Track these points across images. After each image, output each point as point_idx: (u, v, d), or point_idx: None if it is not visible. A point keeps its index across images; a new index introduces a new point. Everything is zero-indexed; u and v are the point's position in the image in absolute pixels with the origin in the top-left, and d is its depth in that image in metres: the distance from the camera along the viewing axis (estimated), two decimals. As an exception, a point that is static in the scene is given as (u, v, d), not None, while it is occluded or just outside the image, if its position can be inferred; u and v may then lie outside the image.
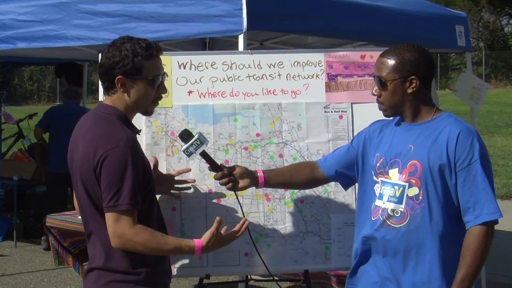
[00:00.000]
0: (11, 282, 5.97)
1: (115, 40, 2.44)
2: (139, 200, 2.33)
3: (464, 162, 2.29)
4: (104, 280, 2.39)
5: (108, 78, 2.40)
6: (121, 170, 2.27)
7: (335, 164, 2.72)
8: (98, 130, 2.36)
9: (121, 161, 2.28)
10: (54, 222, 4.53)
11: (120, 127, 2.36)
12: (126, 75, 2.38)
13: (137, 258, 2.37)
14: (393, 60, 2.39)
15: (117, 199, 2.27)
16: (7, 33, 4.77)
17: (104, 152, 2.28)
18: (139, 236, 2.30)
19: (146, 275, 2.38)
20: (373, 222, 2.47)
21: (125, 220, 2.29)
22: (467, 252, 2.26)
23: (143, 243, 2.31)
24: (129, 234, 2.29)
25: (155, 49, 2.42)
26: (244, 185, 2.73)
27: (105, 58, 2.40)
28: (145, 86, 2.42)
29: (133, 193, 2.29)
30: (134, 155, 2.32)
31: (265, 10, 3.91)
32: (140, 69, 2.38)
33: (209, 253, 3.04)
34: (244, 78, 3.16)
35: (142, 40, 2.42)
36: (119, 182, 2.27)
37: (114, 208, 2.28)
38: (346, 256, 3.09)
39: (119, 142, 2.30)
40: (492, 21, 33.30)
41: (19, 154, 7.85)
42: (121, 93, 2.40)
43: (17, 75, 30.35)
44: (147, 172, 2.40)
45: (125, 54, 2.36)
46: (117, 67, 2.36)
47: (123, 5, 4.22)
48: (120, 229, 2.29)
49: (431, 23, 5.13)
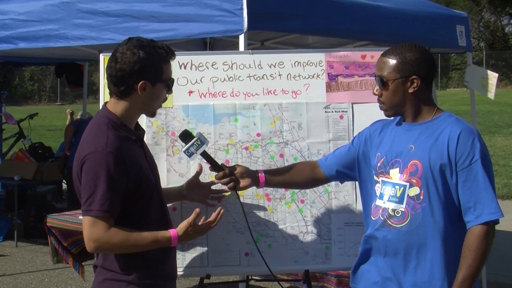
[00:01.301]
0: (12, 282, 5.98)
1: (130, 44, 2.38)
2: (114, 207, 2.31)
3: (465, 162, 2.29)
4: (100, 278, 2.44)
5: (130, 82, 2.36)
6: (95, 175, 2.28)
7: (336, 164, 2.72)
8: (87, 134, 2.39)
9: (95, 166, 2.28)
10: (55, 222, 4.53)
11: (105, 132, 2.34)
12: (149, 79, 2.37)
13: (131, 260, 2.39)
14: (394, 60, 2.39)
15: (90, 204, 2.29)
16: (7, 33, 4.77)
17: (84, 156, 2.31)
18: (115, 238, 2.32)
19: (140, 276, 2.40)
20: (373, 222, 2.47)
21: (100, 225, 2.30)
22: (468, 252, 2.26)
23: (120, 243, 2.34)
24: (104, 237, 2.31)
25: (172, 53, 2.43)
26: (245, 185, 2.74)
27: (127, 62, 2.34)
28: (162, 89, 2.44)
29: (105, 199, 2.28)
30: (112, 161, 2.29)
31: (265, 10, 3.90)
32: (161, 73, 2.39)
33: (209, 253, 3.06)
34: (244, 78, 3.16)
35: (159, 44, 2.41)
36: (93, 187, 2.29)
37: (87, 212, 2.31)
38: (346, 256, 3.09)
39: (97, 147, 2.30)
40: (493, 21, 33.31)
41: (20, 154, 7.87)
42: (137, 96, 2.39)
43: (17, 75, 30.39)
44: (135, 177, 2.36)
45: (151, 59, 2.35)
46: (143, 72, 2.34)
47: (124, 4, 4.21)
48: (95, 233, 2.31)
49: (431, 23, 5.13)
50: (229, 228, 3.07)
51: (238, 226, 3.05)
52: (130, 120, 2.46)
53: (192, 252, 3.06)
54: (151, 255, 2.42)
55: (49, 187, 8.01)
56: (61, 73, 9.12)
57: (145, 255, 2.41)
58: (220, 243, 3.07)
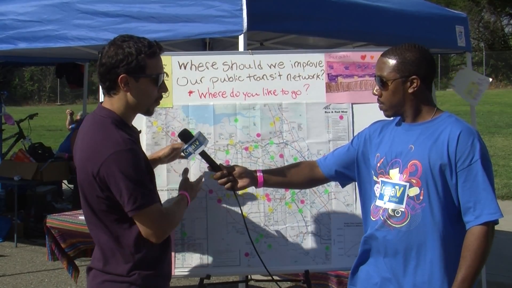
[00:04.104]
0: (11, 282, 5.97)
1: (115, 39, 2.40)
2: (154, 194, 2.37)
3: (464, 162, 2.29)
4: (99, 279, 2.43)
5: (111, 77, 2.36)
6: (129, 173, 2.27)
7: (335, 164, 2.72)
8: (95, 135, 2.35)
9: (126, 164, 2.27)
10: (55, 222, 4.54)
11: (115, 131, 2.33)
12: (130, 74, 2.35)
13: (134, 262, 2.38)
14: (394, 60, 2.40)
15: (135, 200, 2.28)
16: (7, 33, 4.77)
17: (107, 158, 2.26)
18: (171, 218, 2.42)
19: (142, 277, 2.39)
20: (373, 222, 2.47)
21: (158, 213, 2.35)
22: (468, 252, 2.26)
23: (177, 218, 2.49)
24: (167, 221, 2.39)
25: (157, 47, 2.41)
26: (243, 185, 2.74)
27: (106, 57, 2.35)
28: (148, 84, 2.40)
29: (147, 188, 2.32)
30: (137, 157, 2.32)
31: (265, 10, 3.91)
32: (144, 67, 2.36)
33: (209, 254, 3.06)
34: (244, 78, 3.16)
35: (143, 38, 2.41)
36: (131, 184, 2.27)
37: (139, 209, 2.29)
38: (346, 257, 3.10)
39: (117, 147, 2.28)
40: (492, 22, 33.34)
41: (20, 154, 7.86)
42: (123, 92, 2.37)
43: (17, 75, 30.40)
44: (149, 170, 2.43)
45: (129, 52, 2.33)
46: (120, 65, 2.33)
47: (123, 5, 4.22)
48: (161, 222, 2.35)
49: (431, 23, 5.13)
50: (229, 229, 3.07)
51: (238, 227, 3.06)
52: (127, 119, 2.45)
53: (192, 252, 3.06)
54: (152, 255, 2.42)
55: (49, 188, 8.00)
56: (62, 73, 9.12)
57: (147, 256, 2.40)
58: (220, 243, 3.07)
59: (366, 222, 2.57)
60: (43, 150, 8.10)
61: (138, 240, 2.37)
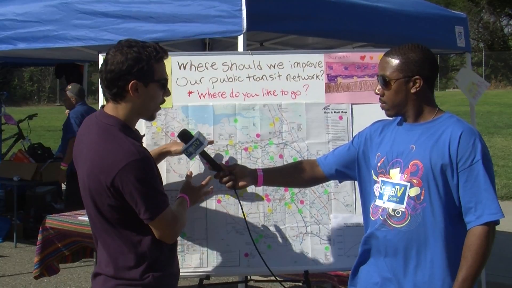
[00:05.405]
0: (11, 282, 5.97)
1: (120, 44, 2.35)
2: (165, 196, 2.39)
3: (466, 163, 2.29)
4: (111, 284, 2.40)
5: (120, 83, 2.31)
6: (145, 182, 2.28)
7: (335, 163, 2.72)
8: (106, 145, 2.31)
9: (142, 173, 2.27)
10: (54, 222, 4.54)
11: (125, 140, 2.31)
12: (140, 79, 2.32)
13: (146, 265, 2.37)
14: (397, 60, 2.39)
15: (151, 209, 2.30)
16: (7, 33, 4.77)
17: (120, 169, 2.24)
18: (180, 220, 2.46)
19: (154, 279, 2.39)
20: (373, 221, 2.47)
21: (168, 217, 2.37)
22: (468, 252, 2.26)
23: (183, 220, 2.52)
24: (177, 223, 2.44)
25: (163, 52, 2.39)
26: (244, 184, 2.75)
27: (115, 63, 2.30)
28: (156, 89, 2.38)
29: (160, 193, 2.35)
30: (151, 165, 2.34)
31: (265, 10, 3.91)
32: (153, 72, 2.34)
33: (209, 254, 3.06)
34: (244, 78, 3.16)
35: (148, 43, 2.38)
36: (146, 193, 2.28)
37: (155, 217, 2.32)
38: (346, 257, 3.09)
39: (131, 156, 2.26)
40: (492, 22, 33.36)
41: (19, 154, 7.85)
42: (131, 98, 2.34)
43: (17, 76, 30.40)
44: (158, 172, 2.45)
45: (139, 58, 2.30)
46: (132, 71, 2.29)
47: (123, 5, 4.22)
48: (172, 228, 2.39)
49: (430, 23, 5.13)
50: (228, 229, 3.07)
51: (238, 227, 3.05)
52: (130, 124, 2.43)
53: (191, 252, 3.06)
54: (163, 257, 2.43)
55: (49, 188, 7.99)
56: (61, 73, 9.11)
57: (159, 258, 2.41)
58: (219, 243, 3.06)
59: (366, 222, 2.57)
60: (42, 150, 8.08)
61: (152, 244, 2.37)
